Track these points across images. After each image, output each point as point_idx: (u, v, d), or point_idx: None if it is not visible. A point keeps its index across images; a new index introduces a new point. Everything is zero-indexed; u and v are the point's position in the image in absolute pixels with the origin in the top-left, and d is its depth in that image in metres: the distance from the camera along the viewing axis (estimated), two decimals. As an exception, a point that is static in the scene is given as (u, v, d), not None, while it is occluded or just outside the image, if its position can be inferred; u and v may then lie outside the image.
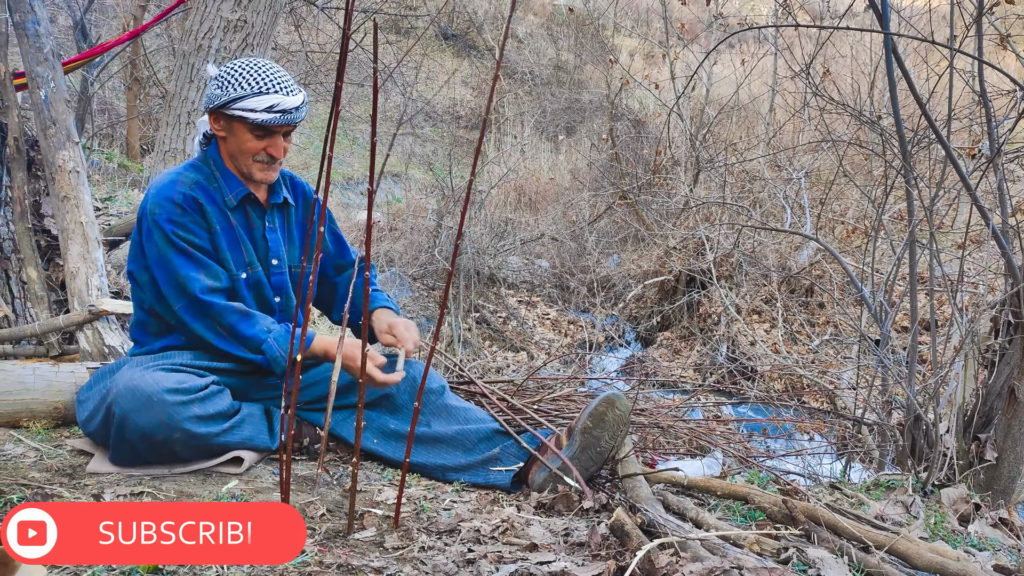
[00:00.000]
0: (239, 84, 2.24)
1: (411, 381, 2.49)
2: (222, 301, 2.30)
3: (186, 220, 2.29)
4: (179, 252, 2.28)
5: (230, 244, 2.38)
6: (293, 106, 2.26)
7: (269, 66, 2.29)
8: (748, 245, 8.99)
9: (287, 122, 2.28)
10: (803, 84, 5.46)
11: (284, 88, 2.26)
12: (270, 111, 2.24)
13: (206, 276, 2.30)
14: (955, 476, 2.80)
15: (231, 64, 2.28)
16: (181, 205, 2.29)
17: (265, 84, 2.24)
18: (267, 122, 2.25)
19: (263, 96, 2.24)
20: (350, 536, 1.87)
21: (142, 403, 2.09)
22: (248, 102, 2.24)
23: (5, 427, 2.48)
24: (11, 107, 3.28)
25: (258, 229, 2.44)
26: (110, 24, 12.86)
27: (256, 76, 2.25)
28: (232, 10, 5.33)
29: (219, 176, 2.38)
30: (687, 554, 1.74)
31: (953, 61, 3.12)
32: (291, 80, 2.30)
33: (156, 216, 2.28)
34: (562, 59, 20.52)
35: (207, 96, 2.30)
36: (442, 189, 11.07)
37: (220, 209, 2.37)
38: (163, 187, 2.31)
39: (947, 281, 3.30)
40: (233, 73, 2.26)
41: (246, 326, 2.29)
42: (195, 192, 2.32)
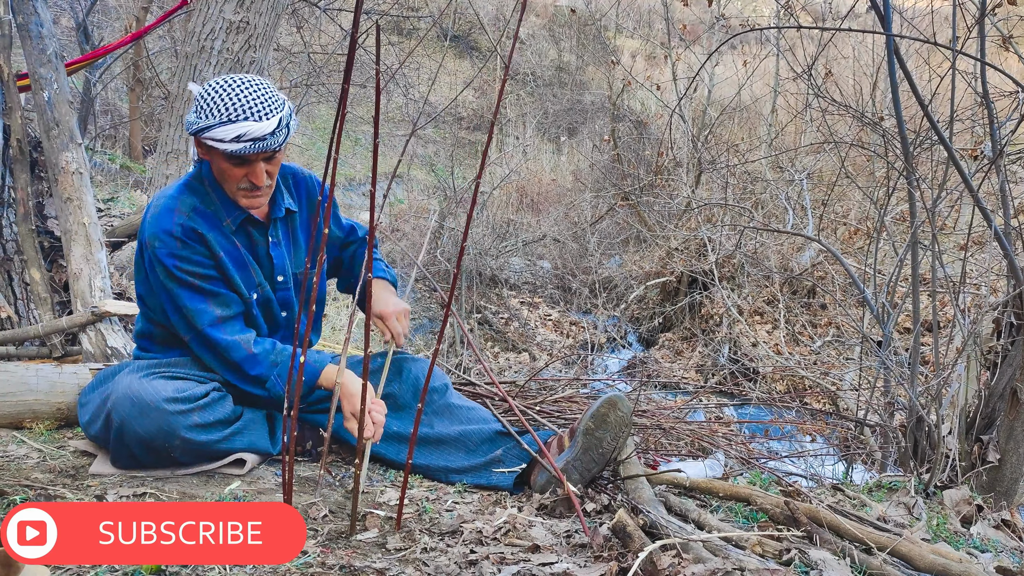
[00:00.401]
0: (208, 111, 2.10)
1: (413, 380, 2.47)
2: (229, 337, 2.24)
3: (188, 252, 2.21)
4: (184, 286, 2.22)
5: (238, 267, 2.30)
6: (264, 133, 2.10)
7: (243, 88, 2.11)
8: (750, 246, 8.98)
9: (259, 150, 2.12)
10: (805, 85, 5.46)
11: (255, 114, 2.09)
12: (238, 141, 2.09)
13: (216, 306, 2.24)
14: (957, 478, 2.80)
15: (208, 86, 2.14)
16: (181, 238, 2.20)
17: (233, 111, 2.08)
18: (237, 152, 2.11)
19: (230, 126, 2.08)
20: (352, 537, 1.87)
21: (140, 411, 2.08)
22: (216, 132, 2.09)
23: (8, 428, 2.49)
24: (15, 108, 3.29)
25: (261, 247, 2.36)
26: (112, 25, 12.88)
27: (225, 102, 2.09)
28: (234, 11, 5.33)
29: (216, 198, 2.27)
30: (689, 555, 1.74)
31: (955, 62, 3.12)
32: (268, 102, 2.12)
33: (157, 250, 2.20)
34: (564, 60, 20.53)
35: (186, 119, 2.17)
36: (444, 190, 11.07)
37: (222, 233, 2.27)
38: (161, 217, 2.21)
39: (949, 282, 3.30)
40: (205, 98, 2.11)
41: (251, 365, 2.24)
42: (194, 222, 2.22)
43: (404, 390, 2.46)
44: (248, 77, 2.15)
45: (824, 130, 6.99)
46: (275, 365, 2.25)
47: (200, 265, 2.23)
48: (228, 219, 2.28)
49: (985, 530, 2.41)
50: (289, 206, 2.40)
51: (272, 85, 2.19)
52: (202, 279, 2.23)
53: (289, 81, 11.70)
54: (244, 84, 2.12)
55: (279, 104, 2.14)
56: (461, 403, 2.49)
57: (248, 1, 5.35)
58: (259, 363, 2.24)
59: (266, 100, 2.12)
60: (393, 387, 2.45)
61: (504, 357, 8.87)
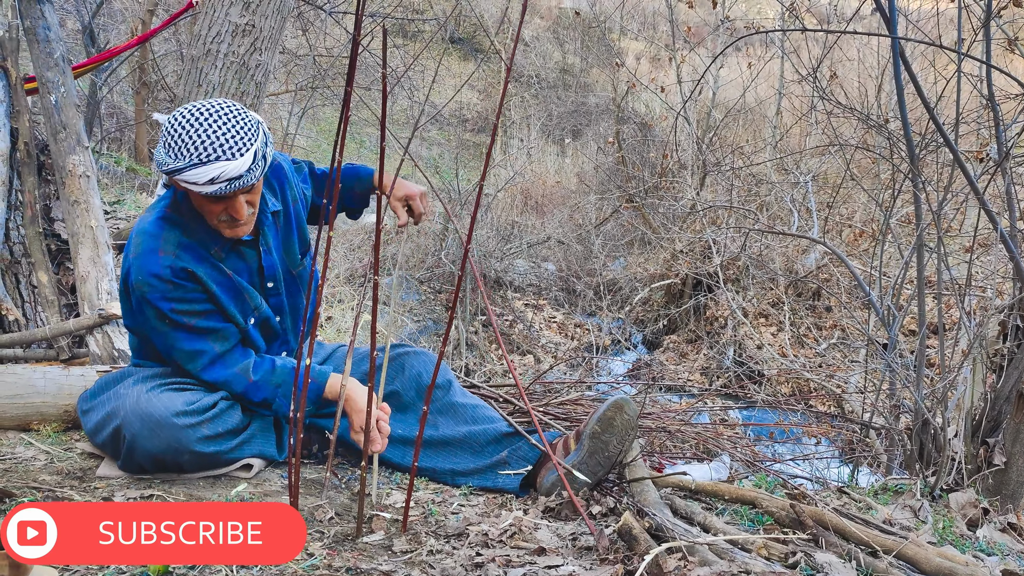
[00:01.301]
0: (178, 151, 1.97)
1: (416, 377, 2.45)
2: (228, 372, 2.20)
3: (181, 293, 2.13)
4: (180, 328, 2.16)
5: (232, 297, 2.23)
6: (240, 172, 1.99)
7: (213, 122, 1.98)
8: (755, 248, 8.98)
9: (236, 188, 2.01)
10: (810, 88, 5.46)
11: (228, 151, 1.97)
12: (213, 183, 1.98)
13: (214, 342, 2.20)
14: (963, 480, 2.80)
15: (176, 120, 2.00)
16: (172, 280, 2.11)
17: (205, 151, 1.96)
18: (213, 193, 2.00)
19: (202, 167, 1.96)
20: (359, 539, 1.88)
21: (151, 428, 2.06)
22: (187, 174, 1.97)
23: (16, 430, 2.50)
24: (22, 112, 3.30)
25: (254, 263, 2.29)
26: (118, 28, 12.92)
27: (195, 141, 1.96)
28: (240, 14, 5.35)
29: (198, 227, 2.17)
30: (695, 558, 1.74)
31: (961, 65, 3.12)
32: (241, 135, 2.00)
33: (147, 295, 2.11)
34: (568, 62, 20.53)
35: (156, 151, 2.04)
36: (449, 192, 11.08)
37: (211, 264, 2.19)
38: (146, 260, 2.11)
39: (955, 285, 3.29)
40: (174, 135, 1.98)
41: (254, 392, 2.22)
42: (182, 260, 2.13)
43: (407, 387, 2.44)
44: (216, 106, 2.02)
45: (829, 132, 6.99)
46: (278, 387, 2.22)
47: (194, 303, 2.16)
48: (215, 247, 2.19)
49: (991, 533, 2.40)
50: (274, 208, 2.33)
51: (241, 108, 2.06)
52: (198, 317, 2.17)
53: (294, 84, 11.73)
54: (213, 117, 1.99)
55: (253, 134, 2.02)
56: (465, 401, 2.46)
57: (254, 4, 5.37)
58: (261, 389, 2.22)
59: (239, 134, 2.00)
60: (396, 385, 2.44)
61: (509, 359, 8.87)
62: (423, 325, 9.42)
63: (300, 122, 11.97)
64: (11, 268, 3.29)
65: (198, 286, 2.16)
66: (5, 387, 2.50)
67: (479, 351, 8.75)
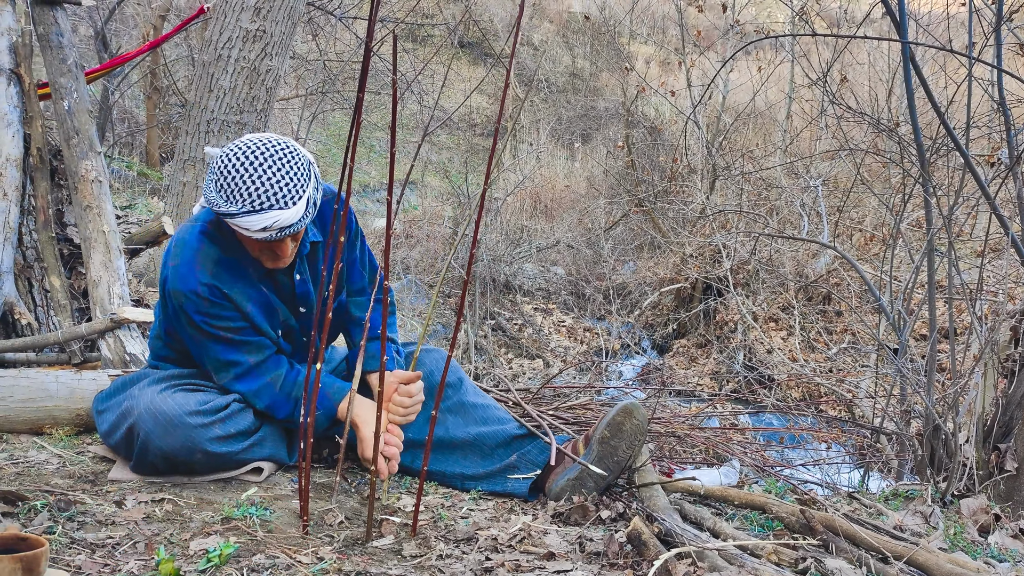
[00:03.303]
0: (230, 196, 1.98)
1: (427, 375, 2.43)
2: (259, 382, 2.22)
3: (217, 311, 2.16)
4: (216, 340, 2.19)
5: (265, 314, 2.25)
6: (291, 222, 2.00)
7: (268, 167, 1.98)
8: (765, 253, 8.96)
9: (285, 236, 2.03)
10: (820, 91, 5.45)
11: (281, 200, 1.97)
12: (265, 230, 1.99)
13: (250, 353, 2.22)
14: (975, 486, 2.78)
15: (230, 161, 2.00)
16: (207, 297, 2.14)
17: (259, 200, 1.96)
18: (263, 239, 2.03)
19: (256, 215, 1.97)
20: (368, 544, 1.88)
21: (164, 426, 2.08)
22: (240, 220, 1.98)
23: (28, 434, 2.51)
24: (35, 117, 3.32)
25: (287, 287, 2.29)
26: (130, 34, 13.00)
27: (249, 188, 1.97)
28: (251, 20, 5.38)
29: (237, 246, 2.18)
30: (704, 564, 1.74)
31: (972, 69, 3.11)
32: (295, 182, 2.00)
33: (184, 305, 2.15)
34: (578, 66, 20.55)
35: (205, 185, 2.05)
36: (458, 196, 11.10)
37: (247, 282, 2.21)
38: (184, 274, 2.14)
39: (966, 289, 3.28)
40: (228, 179, 1.98)
41: (277, 409, 2.24)
42: (218, 278, 2.15)
43: None
44: (269, 147, 2.01)
45: (839, 137, 6.97)
46: (298, 400, 2.23)
47: (230, 320, 2.18)
48: (251, 268, 2.21)
49: (1003, 539, 2.39)
50: (314, 239, 2.32)
51: (294, 149, 2.05)
52: (233, 331, 2.19)
53: (305, 88, 11.77)
54: (268, 162, 1.99)
55: (305, 180, 2.02)
56: (476, 400, 2.46)
57: (265, 10, 5.40)
58: (283, 405, 2.24)
59: (292, 180, 2.00)
60: (421, 381, 2.44)
61: (518, 363, 8.87)
62: (432, 329, 9.43)
63: (310, 127, 12.01)
64: (24, 272, 3.32)
65: (231, 305, 2.18)
66: (18, 391, 2.51)
67: (488, 355, 8.75)
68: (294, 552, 1.76)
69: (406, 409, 2.21)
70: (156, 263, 5.48)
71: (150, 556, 1.69)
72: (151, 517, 1.92)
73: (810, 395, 7.01)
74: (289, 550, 1.77)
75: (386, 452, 2.15)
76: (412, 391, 2.21)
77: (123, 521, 1.87)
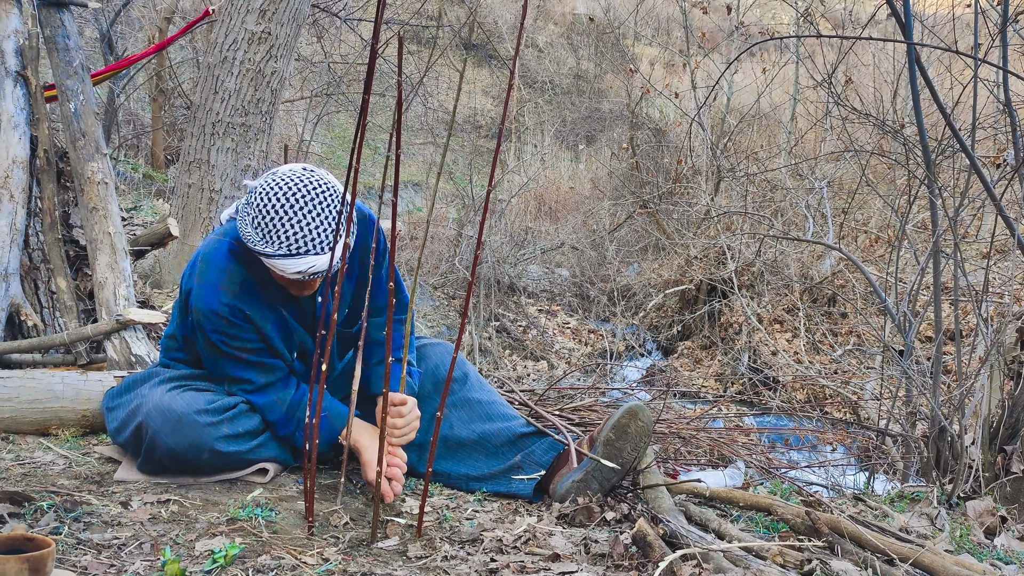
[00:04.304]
0: (269, 239, 1.99)
1: (433, 369, 2.45)
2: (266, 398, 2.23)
3: (236, 331, 2.18)
4: (230, 358, 2.21)
5: (283, 336, 2.26)
6: (325, 267, 2.02)
7: (306, 213, 1.98)
8: (770, 254, 8.94)
9: (316, 276, 2.06)
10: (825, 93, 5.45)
11: (318, 246, 1.99)
12: (300, 273, 2.02)
13: (260, 374, 2.24)
14: (981, 488, 2.78)
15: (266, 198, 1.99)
16: (227, 318, 2.15)
17: (296, 244, 1.98)
18: (297, 279, 2.06)
19: (293, 259, 1.99)
20: (373, 545, 1.88)
21: (173, 424, 2.10)
22: (276, 262, 2.00)
23: (35, 435, 2.52)
24: (42, 120, 3.34)
25: (308, 310, 2.29)
26: (136, 36, 13.04)
27: (287, 232, 1.97)
28: (256, 22, 5.39)
29: (264, 268, 2.16)
30: (710, 565, 1.74)
31: (977, 70, 3.10)
32: (331, 229, 2.00)
33: (202, 323, 2.17)
34: (582, 68, 20.55)
35: (240, 215, 2.07)
36: (462, 198, 11.10)
37: (268, 304, 2.21)
38: (207, 292, 2.15)
39: (972, 291, 3.27)
40: (264, 218, 1.99)
41: (281, 427, 2.24)
42: (240, 301, 2.16)
43: (424, 380, 2.45)
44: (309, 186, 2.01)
45: (844, 138, 6.96)
46: (300, 421, 2.24)
47: (247, 341, 2.20)
48: (274, 289, 2.21)
49: (1009, 542, 2.38)
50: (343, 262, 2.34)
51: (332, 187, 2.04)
52: (248, 352, 2.21)
53: (309, 90, 11.79)
54: (308, 206, 1.98)
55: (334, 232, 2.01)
56: (481, 396, 2.45)
57: (270, 12, 5.41)
58: (287, 423, 2.25)
59: (331, 226, 2.00)
60: (412, 381, 2.44)
61: (522, 365, 8.87)
62: (437, 331, 9.43)
63: (315, 129, 12.03)
64: (30, 274, 3.33)
65: (252, 326, 2.19)
66: (24, 392, 2.52)
67: (492, 356, 8.75)
68: (299, 553, 1.77)
69: (400, 431, 2.21)
70: (162, 264, 5.50)
71: (156, 557, 1.69)
72: (157, 518, 1.92)
73: (815, 397, 7.00)
74: (294, 551, 1.77)
75: (389, 474, 2.15)
76: (403, 412, 2.20)
77: (129, 522, 1.87)
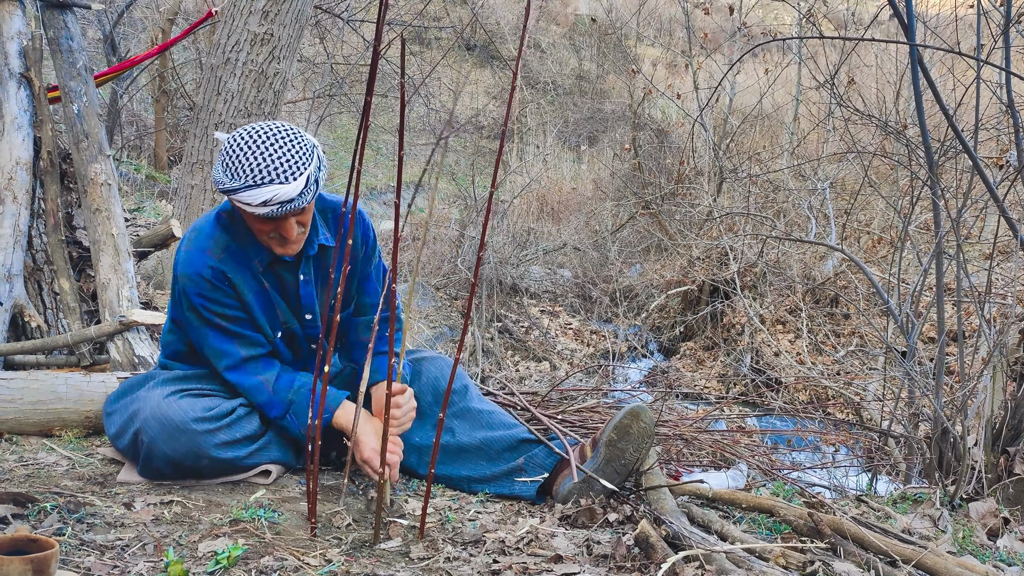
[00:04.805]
0: (234, 171, 2.03)
1: (433, 382, 2.45)
2: (251, 379, 2.24)
3: (217, 295, 2.21)
4: (212, 326, 2.23)
5: (264, 309, 2.29)
6: (291, 196, 2.03)
7: (269, 146, 2.04)
8: (772, 255, 8.94)
9: (287, 212, 2.06)
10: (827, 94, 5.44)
11: (281, 175, 2.02)
12: (266, 204, 2.03)
13: (242, 347, 2.25)
14: (983, 490, 2.77)
15: (234, 141, 2.06)
16: (211, 280, 2.19)
17: (259, 174, 2.01)
18: (265, 215, 2.06)
19: (256, 189, 2.01)
20: (376, 546, 1.89)
21: (170, 433, 2.11)
22: (243, 195, 2.03)
23: (38, 436, 2.53)
24: (45, 121, 3.34)
25: (291, 287, 2.32)
26: (139, 37, 13.05)
27: (251, 163, 2.02)
28: (259, 23, 5.40)
29: (247, 236, 2.23)
30: (712, 567, 1.74)
31: (980, 72, 3.10)
32: (295, 160, 2.04)
33: (187, 289, 2.21)
34: (584, 69, 20.55)
35: (215, 168, 2.11)
36: (464, 199, 11.11)
37: (251, 273, 2.25)
38: (193, 257, 2.20)
39: (975, 292, 3.27)
40: (231, 156, 2.04)
41: (270, 408, 2.25)
42: (224, 264, 2.20)
43: (424, 393, 2.45)
44: (274, 128, 2.08)
45: (847, 139, 6.96)
46: (291, 403, 2.25)
47: (228, 307, 2.23)
48: (257, 259, 2.24)
49: (1012, 543, 2.38)
50: (324, 242, 2.33)
51: (298, 132, 2.11)
52: (229, 320, 2.23)
53: (312, 91, 11.80)
54: (270, 140, 2.05)
55: (307, 158, 2.07)
56: (482, 406, 2.46)
57: (272, 13, 5.41)
58: (276, 405, 2.25)
59: (293, 158, 2.04)
60: (412, 390, 2.45)
61: (524, 366, 8.87)
62: (439, 332, 9.44)
63: (317, 129, 12.04)
64: (34, 275, 3.33)
65: (233, 291, 2.23)
66: (28, 393, 2.53)
67: (495, 357, 8.75)
68: (302, 554, 1.77)
69: (397, 420, 2.22)
70: (164, 266, 5.50)
71: (159, 558, 1.69)
72: (160, 519, 1.93)
73: (818, 398, 6.99)
74: (297, 552, 1.78)
75: (389, 461, 2.16)
76: (400, 402, 2.22)
77: (132, 523, 1.88)
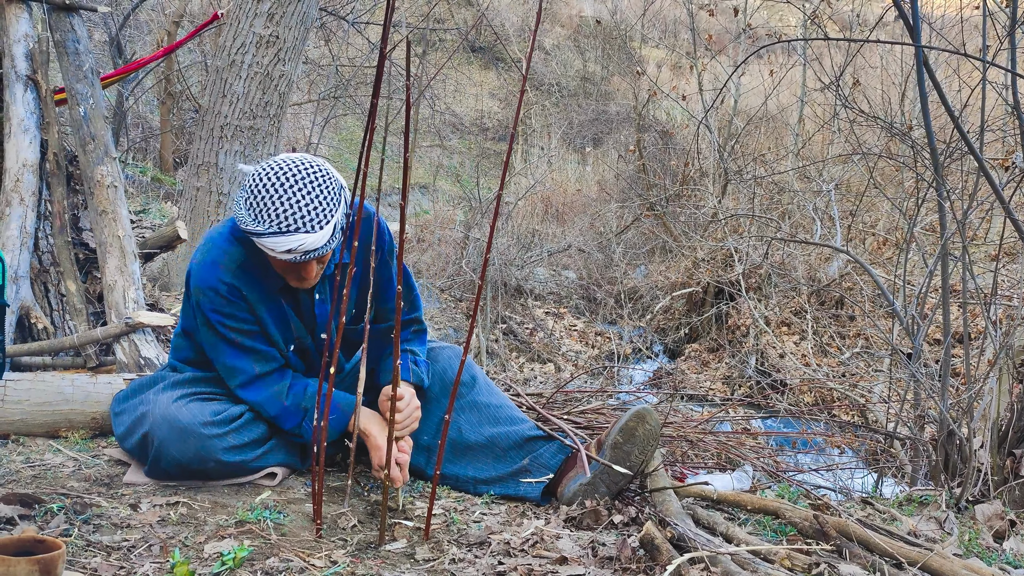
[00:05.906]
0: (257, 215, 1.99)
1: (440, 372, 2.45)
2: (264, 393, 2.23)
3: (232, 310, 2.19)
4: (226, 341, 2.22)
5: (278, 325, 2.26)
6: (316, 247, 2.00)
7: (297, 191, 1.98)
8: (777, 257, 8.93)
9: (310, 259, 2.05)
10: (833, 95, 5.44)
11: (307, 224, 1.98)
12: (290, 252, 2.00)
13: (256, 362, 2.24)
14: (990, 492, 2.76)
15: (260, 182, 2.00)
16: (225, 296, 2.17)
17: (285, 222, 1.97)
18: (288, 260, 2.04)
19: (282, 237, 1.98)
20: (381, 547, 1.89)
21: (179, 435, 2.11)
22: (266, 241, 2.00)
23: (44, 437, 2.53)
24: (52, 123, 3.36)
25: (306, 305, 2.29)
26: (144, 40, 13.09)
27: (277, 209, 1.97)
28: (264, 26, 5.41)
29: (262, 254, 2.15)
30: (717, 569, 1.73)
31: (986, 73, 3.09)
32: (323, 207, 2.00)
33: (201, 302, 2.19)
34: (589, 70, 20.56)
35: (236, 201, 2.07)
36: (469, 201, 11.12)
37: (265, 291, 2.22)
38: (207, 270, 2.18)
39: (980, 294, 3.26)
40: (257, 198, 1.99)
41: (285, 419, 2.24)
42: (238, 279, 2.17)
43: (432, 382, 2.45)
44: (303, 169, 2.02)
45: (852, 140, 6.95)
46: (305, 410, 2.24)
47: (242, 322, 2.21)
48: (272, 278, 2.21)
49: (1018, 545, 2.37)
50: (344, 260, 2.25)
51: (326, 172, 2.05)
52: (244, 335, 2.22)
53: (317, 93, 11.82)
54: (299, 185, 1.99)
55: (334, 205, 2.03)
56: (489, 400, 2.45)
57: (278, 16, 5.43)
58: (291, 415, 2.24)
59: (321, 205, 2.00)
60: (412, 391, 2.44)
61: (529, 368, 8.87)
62: (444, 333, 9.44)
63: (322, 132, 12.06)
64: (40, 277, 3.34)
65: (247, 307, 2.21)
66: (34, 394, 2.53)
67: (499, 359, 8.76)
68: (307, 555, 1.77)
69: (399, 424, 2.21)
70: (170, 267, 5.52)
71: (165, 559, 1.70)
72: (166, 520, 1.93)
73: (823, 400, 6.97)
74: (303, 553, 1.78)
75: (399, 460, 2.17)
76: (400, 407, 2.20)
77: (138, 524, 1.88)
